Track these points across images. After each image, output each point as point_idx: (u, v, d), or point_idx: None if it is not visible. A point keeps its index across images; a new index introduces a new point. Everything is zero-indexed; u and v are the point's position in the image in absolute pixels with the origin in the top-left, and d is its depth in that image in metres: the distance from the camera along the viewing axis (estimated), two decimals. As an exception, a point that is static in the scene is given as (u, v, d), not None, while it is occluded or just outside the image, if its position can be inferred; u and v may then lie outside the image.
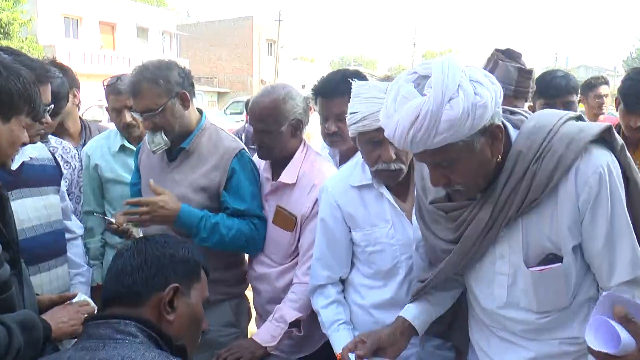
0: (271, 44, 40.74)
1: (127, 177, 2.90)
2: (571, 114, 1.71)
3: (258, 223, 2.44)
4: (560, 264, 1.65)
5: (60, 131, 3.11)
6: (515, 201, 1.63)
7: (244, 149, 2.47)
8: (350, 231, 2.15)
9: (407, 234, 2.08)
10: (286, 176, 2.43)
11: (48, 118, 2.19)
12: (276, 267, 2.50)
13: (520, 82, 2.64)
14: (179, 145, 2.45)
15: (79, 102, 3.17)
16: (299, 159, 2.45)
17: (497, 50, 2.72)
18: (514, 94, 2.65)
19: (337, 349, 2.11)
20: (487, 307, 1.81)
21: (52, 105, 2.20)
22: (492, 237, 1.70)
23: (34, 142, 2.19)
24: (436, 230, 1.83)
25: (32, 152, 2.27)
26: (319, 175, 2.37)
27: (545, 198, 1.61)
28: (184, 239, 1.63)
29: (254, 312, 2.74)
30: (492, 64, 2.67)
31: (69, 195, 2.80)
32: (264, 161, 2.55)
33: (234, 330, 2.56)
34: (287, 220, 2.43)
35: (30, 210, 2.17)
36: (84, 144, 3.08)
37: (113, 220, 2.36)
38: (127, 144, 2.96)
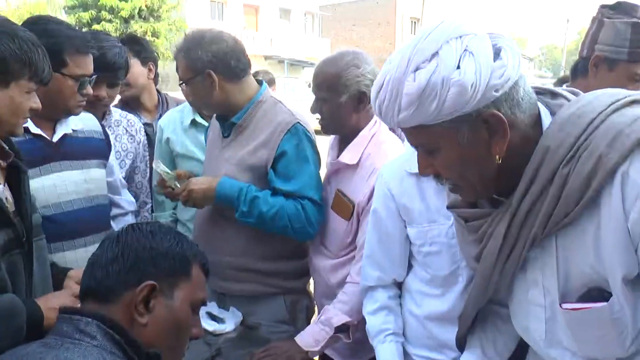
0: (414, 22, 39.84)
1: (197, 152, 2.78)
2: (637, 95, 1.22)
3: (308, 205, 2.15)
4: (604, 303, 1.21)
5: (136, 105, 3.06)
6: (540, 215, 1.22)
7: (299, 122, 2.17)
8: (406, 226, 1.81)
9: None
10: (347, 156, 2.15)
11: (89, 89, 2.07)
12: (332, 259, 2.22)
13: (637, 41, 2.07)
14: (231, 120, 2.24)
15: (155, 76, 3.08)
16: (365, 137, 2.14)
17: (602, 6, 2.17)
18: (628, 58, 2.07)
19: (381, 365, 1.81)
20: (529, 344, 1.41)
21: (95, 76, 2.08)
22: (516, 259, 1.30)
23: (76, 114, 2.11)
24: (463, 243, 1.48)
25: (77, 124, 2.17)
26: (383, 159, 2.03)
27: (585, 212, 1.18)
28: (178, 231, 1.40)
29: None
30: (596, 25, 2.14)
31: (133, 169, 2.72)
32: (333, 137, 2.29)
33: (287, 327, 2.31)
34: (344, 206, 2.14)
35: (69, 184, 2.07)
36: (160, 118, 2.98)
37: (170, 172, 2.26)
38: (198, 119, 2.81)
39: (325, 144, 2.34)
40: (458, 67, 1.14)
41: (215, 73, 2.13)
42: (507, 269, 1.33)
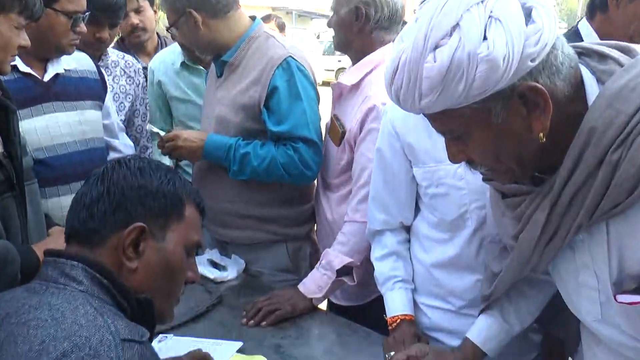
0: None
1: (193, 95, 2.70)
2: None
3: (303, 148, 2.04)
4: None
5: (138, 49, 2.96)
6: (585, 204, 1.07)
7: (291, 56, 2.04)
8: (412, 167, 1.71)
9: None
10: (346, 77, 2.07)
11: (83, 27, 1.97)
12: (332, 192, 2.15)
13: None
14: (222, 58, 2.13)
15: (157, 18, 2.97)
16: (369, 62, 2.02)
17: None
18: None
19: (390, 312, 1.74)
20: (580, 319, 1.30)
21: (87, 13, 1.97)
22: (558, 245, 1.17)
23: (69, 53, 2.01)
24: (497, 217, 1.35)
25: (70, 63, 2.07)
26: (382, 90, 1.92)
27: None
28: (170, 168, 1.30)
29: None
30: None
31: (133, 112, 2.62)
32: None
33: (290, 276, 2.24)
34: (335, 132, 2.09)
35: (63, 125, 1.98)
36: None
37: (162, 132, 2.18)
38: (187, 61, 2.74)
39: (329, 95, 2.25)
40: (485, 39, 0.97)
41: (197, 11, 2.02)
42: (547, 253, 1.21)
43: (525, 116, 1.04)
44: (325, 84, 2.19)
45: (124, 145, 2.34)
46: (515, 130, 1.06)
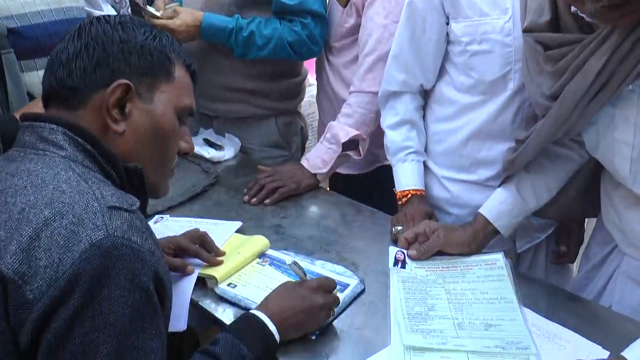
0: None
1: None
2: None
3: (311, 24, 1.87)
4: None
5: None
6: None
7: None
8: (448, 22, 1.52)
9: None
10: None
11: None
12: (334, 56, 1.99)
13: None
14: None
15: None
16: None
17: None
18: None
19: (400, 185, 1.64)
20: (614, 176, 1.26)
21: None
22: (606, 98, 1.13)
23: None
24: (534, 74, 1.25)
25: None
26: None
27: None
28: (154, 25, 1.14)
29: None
30: None
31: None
32: None
33: (280, 152, 2.14)
34: None
35: (36, -9, 1.78)
36: None
37: (158, 14, 1.94)
38: None
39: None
40: None
41: None
42: (590, 108, 1.14)
43: None
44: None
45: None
46: None
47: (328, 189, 2.14)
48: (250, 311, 1.18)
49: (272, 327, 1.14)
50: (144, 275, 0.88)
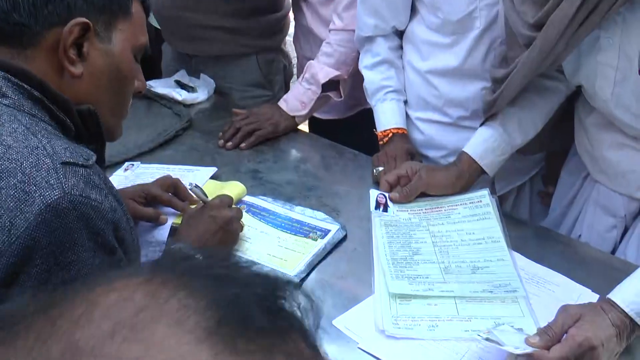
0: None
1: None
2: None
3: None
4: None
5: None
6: None
7: None
8: None
9: None
10: None
11: None
12: None
13: None
14: None
15: None
16: None
17: None
18: None
19: (380, 125, 1.58)
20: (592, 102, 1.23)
21: None
22: (594, 24, 1.08)
23: None
24: (518, 3, 1.18)
25: None
26: None
27: None
28: None
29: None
30: None
31: None
32: None
33: (262, 92, 2.02)
34: None
35: None
36: None
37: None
38: None
39: None
40: None
41: None
42: (577, 35, 1.09)
43: None
44: None
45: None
46: None
47: (308, 131, 2.05)
48: (172, 247, 1.15)
49: None
50: (108, 233, 0.82)
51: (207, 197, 1.26)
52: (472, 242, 1.30)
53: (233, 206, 1.28)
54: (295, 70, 2.23)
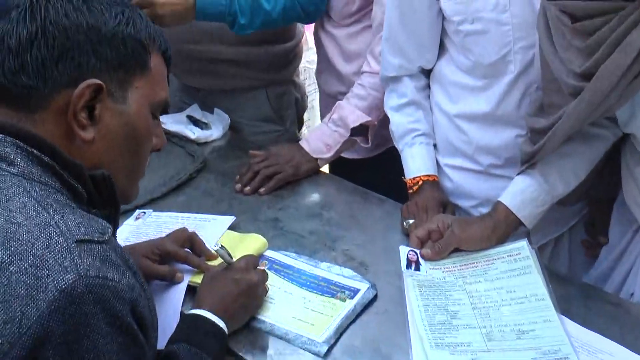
0: None
1: None
2: None
3: None
4: None
5: None
6: None
7: None
8: None
9: (532, 6, 1.25)
10: None
11: None
12: (335, 28, 1.78)
13: None
14: None
15: None
16: None
17: None
18: None
19: (409, 172, 1.49)
20: None
21: None
22: None
23: None
24: (561, 50, 1.10)
25: None
26: None
27: None
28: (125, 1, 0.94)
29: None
30: None
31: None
32: None
33: (273, 127, 1.94)
34: None
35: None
36: None
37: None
38: None
39: None
40: None
41: None
42: (633, 86, 1.01)
43: None
44: None
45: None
46: None
47: (328, 171, 1.95)
48: (192, 311, 1.07)
49: (221, 324, 1.06)
50: (126, 314, 0.76)
51: (232, 258, 1.17)
52: (514, 302, 1.20)
53: (259, 268, 1.20)
54: (315, 104, 2.15)
